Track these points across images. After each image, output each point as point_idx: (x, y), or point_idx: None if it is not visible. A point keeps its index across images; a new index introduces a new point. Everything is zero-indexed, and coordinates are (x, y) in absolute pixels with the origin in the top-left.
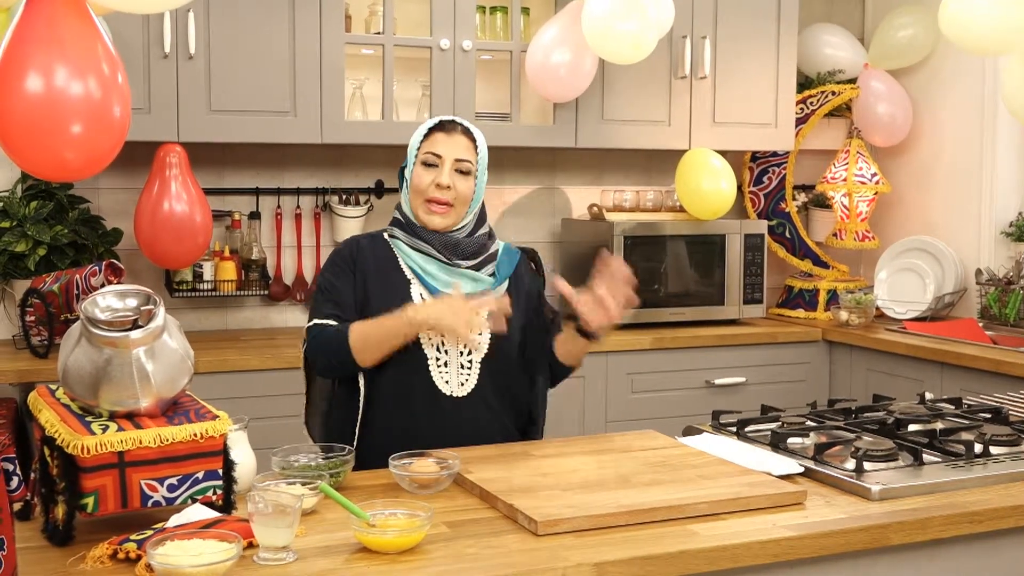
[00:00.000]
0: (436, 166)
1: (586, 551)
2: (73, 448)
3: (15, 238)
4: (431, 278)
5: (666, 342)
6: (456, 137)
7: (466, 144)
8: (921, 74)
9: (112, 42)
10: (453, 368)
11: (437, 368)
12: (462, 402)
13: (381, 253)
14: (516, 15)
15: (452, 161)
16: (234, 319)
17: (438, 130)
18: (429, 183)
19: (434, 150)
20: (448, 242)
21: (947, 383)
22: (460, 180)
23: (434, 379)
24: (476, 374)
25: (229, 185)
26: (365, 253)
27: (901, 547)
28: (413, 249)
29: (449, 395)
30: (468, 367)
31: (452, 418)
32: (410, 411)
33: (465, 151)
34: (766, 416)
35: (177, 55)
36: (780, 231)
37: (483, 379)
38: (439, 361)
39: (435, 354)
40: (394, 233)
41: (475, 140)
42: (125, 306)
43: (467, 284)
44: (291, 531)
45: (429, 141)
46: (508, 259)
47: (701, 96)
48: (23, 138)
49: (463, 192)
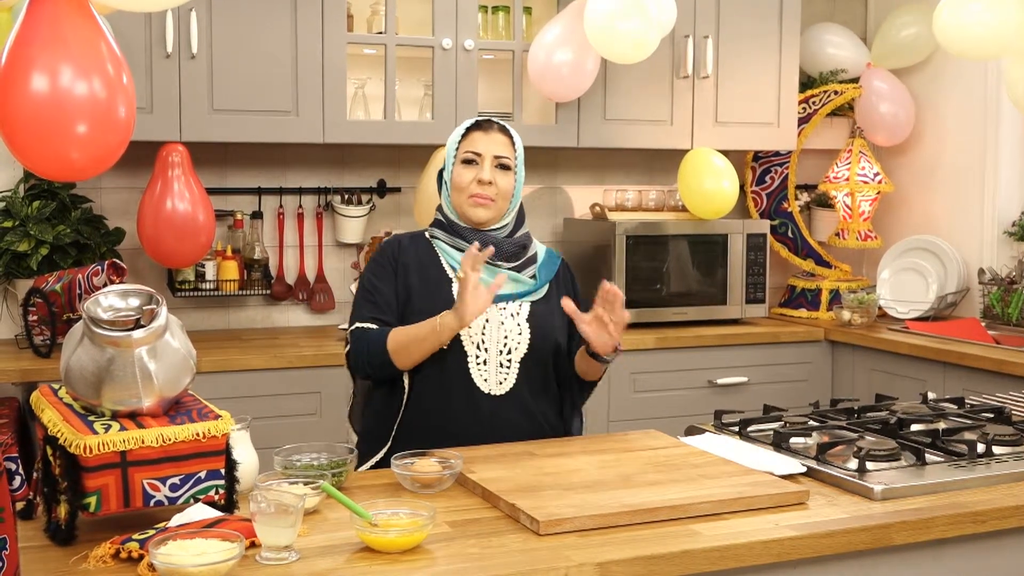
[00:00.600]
0: (476, 163)
1: (589, 551)
2: (75, 447)
3: (18, 237)
4: None
5: (669, 342)
6: (493, 135)
7: (504, 141)
8: (923, 73)
9: (116, 42)
10: (492, 367)
11: (476, 366)
12: (500, 401)
13: (423, 252)
14: (518, 14)
15: (492, 157)
16: (236, 319)
17: (475, 129)
18: (471, 180)
19: (473, 148)
20: (490, 242)
21: (950, 383)
22: (500, 175)
23: (473, 377)
24: (515, 374)
25: (231, 185)
26: (407, 252)
27: (904, 547)
28: (455, 249)
29: (487, 393)
30: (507, 366)
31: (489, 416)
32: (448, 408)
33: (503, 148)
34: (768, 416)
35: (179, 55)
36: (782, 231)
37: (521, 379)
38: (478, 359)
39: (475, 352)
40: (435, 233)
41: (512, 137)
42: (127, 305)
43: (508, 284)
44: (293, 531)
45: (467, 140)
46: (549, 263)
47: (703, 96)
48: (29, 138)
49: (504, 187)
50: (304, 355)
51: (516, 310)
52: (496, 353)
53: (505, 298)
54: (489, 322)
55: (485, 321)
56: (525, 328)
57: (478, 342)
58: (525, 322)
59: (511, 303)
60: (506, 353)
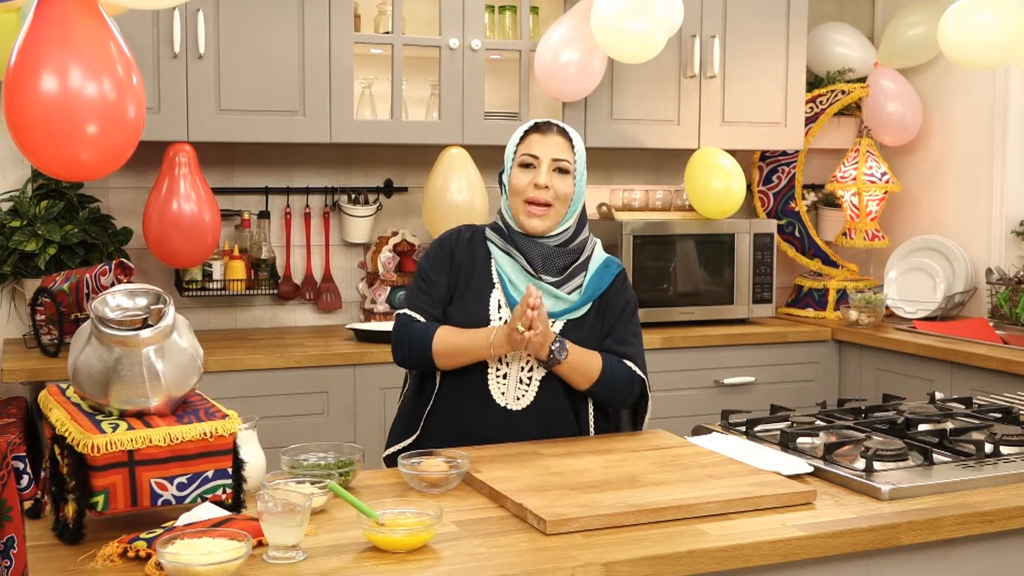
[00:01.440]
0: (534, 167)
1: (595, 551)
2: (83, 447)
3: (25, 237)
4: (513, 288)
5: (675, 341)
6: (552, 137)
7: (563, 144)
8: (931, 73)
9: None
10: (512, 381)
11: (496, 380)
12: (515, 416)
13: (478, 250)
14: (525, 14)
15: (549, 161)
16: (243, 318)
17: (534, 131)
18: (527, 183)
19: (531, 151)
20: (542, 252)
21: (957, 383)
22: (558, 179)
23: (491, 390)
24: (534, 391)
25: (238, 184)
26: (463, 247)
27: (912, 547)
28: (505, 255)
29: (504, 407)
30: (527, 383)
31: (503, 430)
32: (463, 418)
33: (562, 150)
34: (775, 416)
35: (187, 55)
36: (789, 230)
37: (541, 396)
38: (499, 373)
39: (496, 365)
40: (490, 236)
41: (571, 140)
42: (135, 305)
43: (547, 300)
44: (300, 530)
45: (525, 143)
46: (603, 273)
47: (710, 95)
48: (38, 138)
49: (562, 191)
50: (311, 355)
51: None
52: (517, 369)
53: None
54: None
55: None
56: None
57: (500, 355)
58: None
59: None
60: (527, 370)
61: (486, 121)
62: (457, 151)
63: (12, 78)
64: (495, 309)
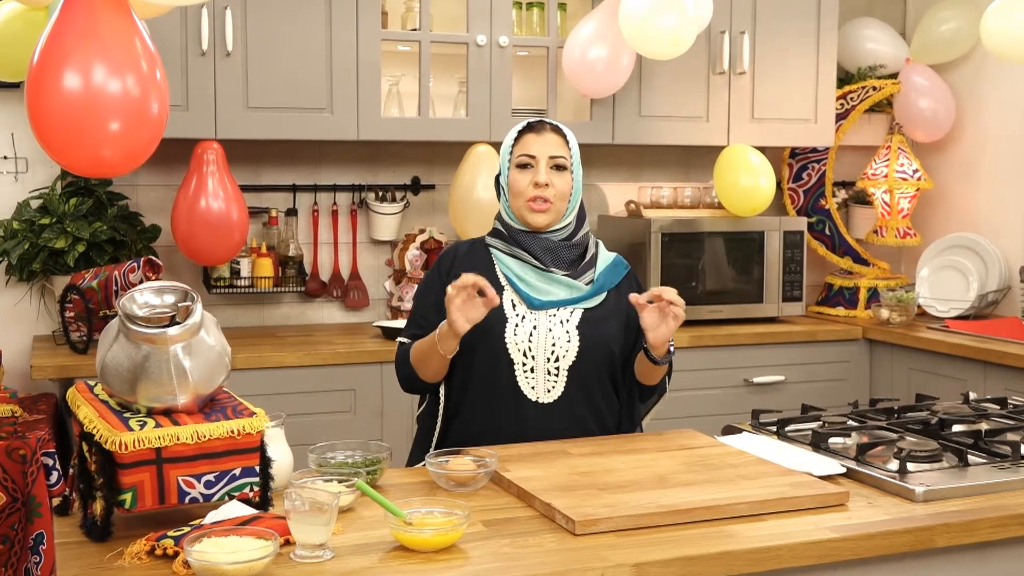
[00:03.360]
0: (531, 166)
1: (625, 551)
2: (111, 444)
3: (55, 234)
4: (525, 285)
5: (704, 340)
6: (547, 135)
7: (558, 141)
8: (964, 68)
9: (151, 38)
10: (540, 374)
11: (523, 373)
12: (547, 408)
13: (479, 260)
14: (553, 10)
15: (547, 159)
16: (271, 316)
17: (528, 131)
18: (527, 184)
19: (527, 151)
20: (548, 246)
21: (991, 383)
22: (557, 176)
23: (520, 385)
24: (563, 381)
25: (266, 182)
26: (463, 260)
27: (947, 550)
28: (510, 257)
29: (535, 401)
30: (555, 374)
31: (536, 424)
32: (494, 415)
33: (558, 148)
34: (807, 415)
35: (215, 52)
36: (820, 228)
37: (570, 387)
38: (525, 367)
39: (521, 359)
40: (491, 242)
41: (566, 136)
42: (163, 303)
43: (562, 291)
44: (328, 529)
45: (520, 144)
46: (613, 270)
47: (740, 92)
48: (61, 135)
49: (561, 188)
50: (338, 352)
51: (566, 316)
52: (544, 361)
53: (556, 304)
54: (536, 329)
55: (532, 328)
56: (574, 335)
57: (524, 349)
58: (575, 329)
59: (561, 309)
60: (554, 361)
61: (514, 118)
62: (484, 148)
63: (35, 74)
64: (510, 308)
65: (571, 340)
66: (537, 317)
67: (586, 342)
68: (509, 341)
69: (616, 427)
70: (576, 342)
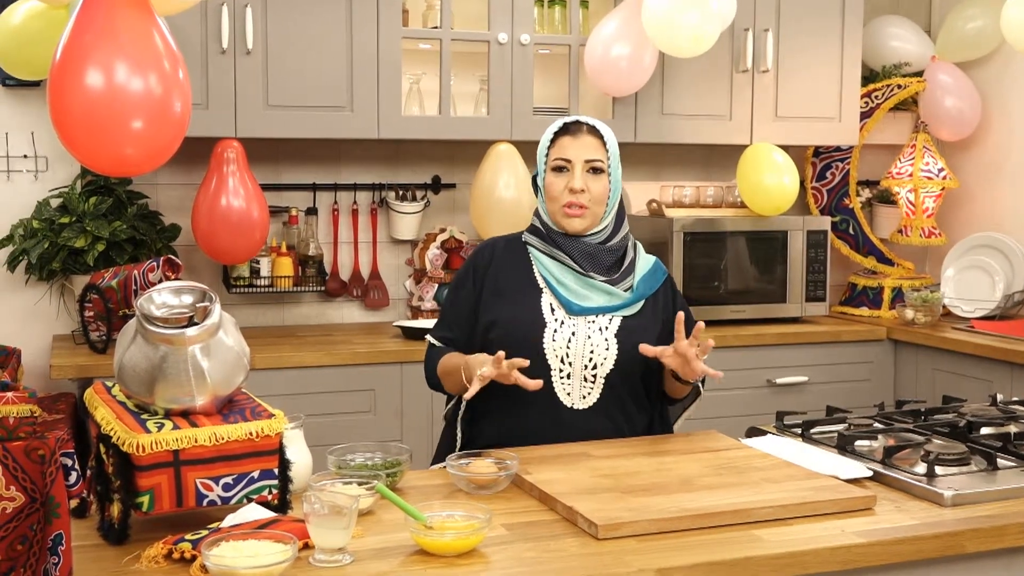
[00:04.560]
0: (567, 170)
1: (649, 556)
2: (128, 446)
3: (74, 233)
4: (564, 289)
5: (727, 340)
6: (583, 138)
7: (594, 143)
8: (990, 66)
9: (172, 37)
10: (576, 380)
11: (560, 380)
12: (582, 414)
13: (518, 258)
14: (575, 8)
15: (582, 163)
16: (291, 315)
17: (563, 134)
18: (563, 188)
19: (563, 155)
20: (586, 250)
21: (1017, 384)
22: (593, 180)
23: (556, 390)
24: (599, 388)
25: (286, 181)
26: (500, 258)
27: (976, 555)
28: (549, 258)
29: (570, 407)
30: (591, 380)
31: (570, 429)
32: (529, 420)
33: (594, 150)
34: (832, 418)
35: (235, 50)
36: (843, 227)
37: (606, 393)
38: (562, 373)
39: (559, 365)
40: (529, 240)
41: (603, 137)
42: (181, 303)
43: (601, 297)
44: (347, 532)
45: (556, 146)
46: (651, 277)
47: (763, 90)
48: (83, 133)
49: (598, 193)
50: (358, 352)
51: (605, 324)
52: (580, 368)
53: (595, 311)
54: (575, 336)
55: (571, 335)
56: (612, 343)
57: (562, 356)
58: (613, 337)
59: (600, 316)
60: (591, 368)
61: (535, 117)
62: (505, 147)
63: (57, 72)
64: (548, 312)
65: (609, 348)
66: (576, 323)
67: (624, 351)
68: (547, 347)
69: (648, 431)
70: (614, 351)
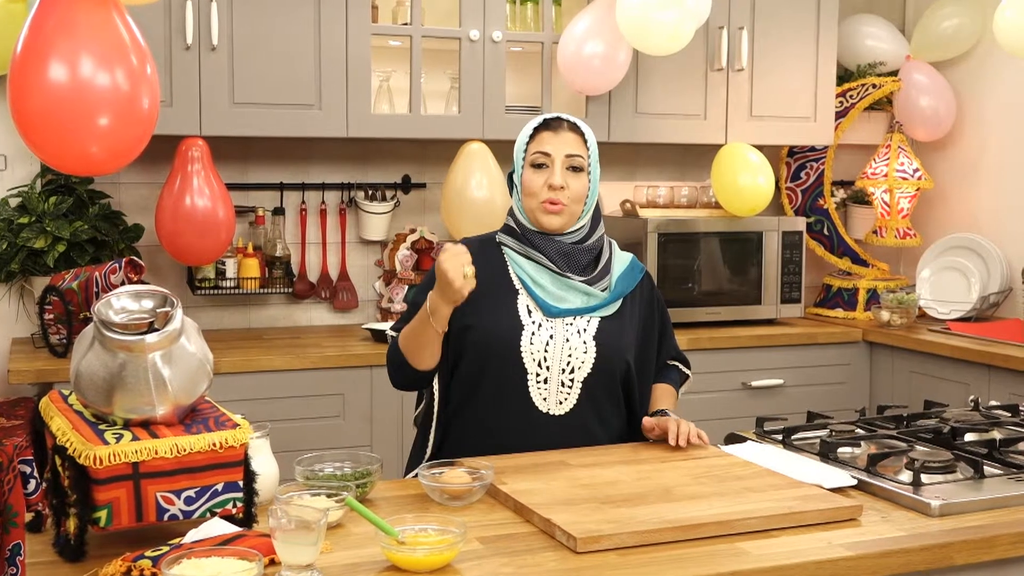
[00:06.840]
0: (546, 166)
1: (630, 570)
2: (85, 458)
3: (34, 234)
4: (541, 290)
5: (701, 343)
6: (563, 134)
7: (575, 140)
8: (965, 66)
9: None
10: (553, 385)
11: (536, 385)
12: (557, 420)
13: (492, 259)
14: (547, 5)
15: (562, 159)
16: (257, 318)
17: (544, 129)
18: (541, 185)
19: (542, 149)
20: (563, 249)
21: (995, 386)
22: (572, 178)
23: (531, 396)
24: (576, 393)
25: (252, 180)
26: (474, 259)
27: (965, 567)
28: (524, 258)
29: (545, 412)
30: (568, 385)
31: (545, 436)
32: (504, 425)
33: (575, 147)
34: (813, 424)
35: (199, 47)
36: (818, 228)
37: (582, 398)
38: (539, 377)
39: (535, 369)
40: (504, 240)
41: (583, 134)
42: (140, 308)
43: (578, 298)
44: (316, 548)
45: (536, 141)
46: (629, 275)
47: (738, 89)
48: (45, 131)
49: (577, 191)
50: (327, 355)
51: (584, 326)
52: (558, 372)
53: (573, 312)
54: (553, 338)
55: (549, 337)
56: (591, 346)
57: (539, 359)
58: (592, 339)
59: (579, 318)
60: (568, 372)
61: (507, 115)
62: (477, 146)
63: (17, 67)
64: (525, 314)
65: (588, 351)
66: (553, 325)
67: (603, 354)
68: (524, 351)
69: (624, 435)
70: (593, 353)
